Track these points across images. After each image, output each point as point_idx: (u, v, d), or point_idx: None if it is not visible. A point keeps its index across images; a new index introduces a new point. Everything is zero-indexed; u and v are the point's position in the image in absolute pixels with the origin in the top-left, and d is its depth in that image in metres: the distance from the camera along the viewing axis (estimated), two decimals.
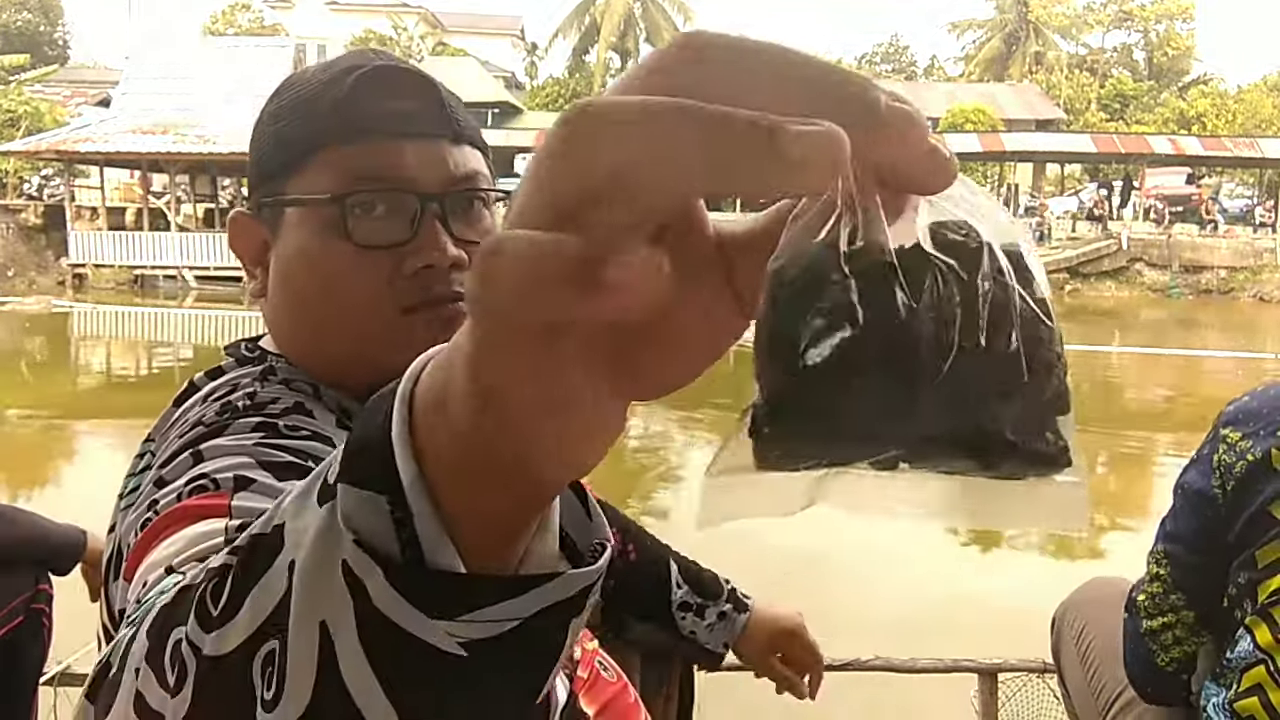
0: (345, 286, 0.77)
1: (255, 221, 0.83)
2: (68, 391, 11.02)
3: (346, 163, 0.77)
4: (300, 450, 0.65)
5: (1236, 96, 37.33)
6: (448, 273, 0.78)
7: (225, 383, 0.78)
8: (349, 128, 0.77)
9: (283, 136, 0.80)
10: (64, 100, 31.21)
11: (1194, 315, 21.29)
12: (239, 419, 0.68)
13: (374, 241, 0.76)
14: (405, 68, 0.81)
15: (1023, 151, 29.08)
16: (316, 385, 0.78)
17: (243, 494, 0.59)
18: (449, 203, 0.79)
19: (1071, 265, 25.76)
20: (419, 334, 0.77)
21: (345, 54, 0.85)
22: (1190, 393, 11.99)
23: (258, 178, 0.83)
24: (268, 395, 0.73)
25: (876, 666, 2.36)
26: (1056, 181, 34.18)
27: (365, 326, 0.77)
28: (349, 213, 0.76)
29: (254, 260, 0.83)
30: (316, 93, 0.79)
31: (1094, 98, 43.17)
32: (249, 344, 0.84)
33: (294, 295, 0.80)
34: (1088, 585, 1.59)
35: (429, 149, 0.79)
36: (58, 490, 6.60)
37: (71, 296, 20.25)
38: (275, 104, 0.83)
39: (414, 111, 0.79)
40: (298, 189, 0.79)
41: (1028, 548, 5.98)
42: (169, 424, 0.77)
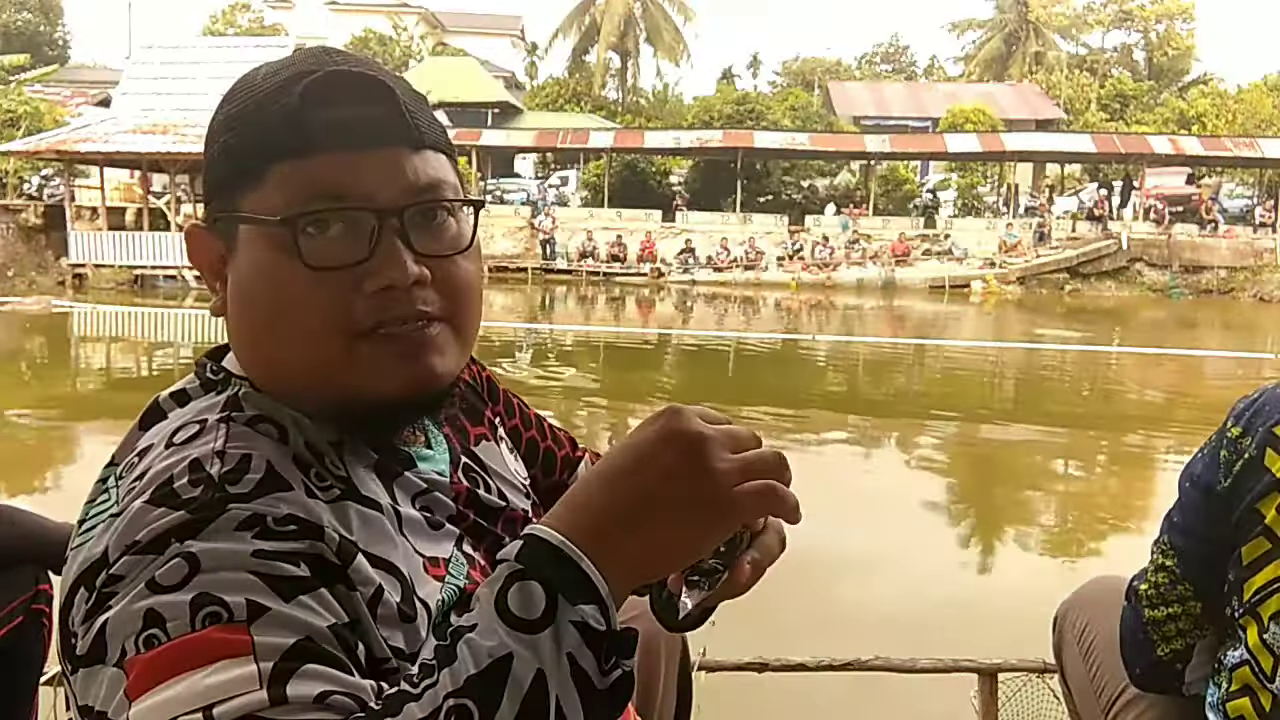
0: (299, 309, 0.73)
1: (211, 234, 0.78)
2: (68, 392, 11.02)
3: (299, 178, 0.73)
4: (294, 554, 0.63)
5: (1236, 96, 37.30)
6: (409, 292, 0.74)
7: (191, 420, 0.73)
8: (300, 141, 0.73)
9: (232, 148, 0.76)
10: (64, 100, 31.21)
11: (1194, 315, 21.29)
12: (223, 511, 0.64)
13: (328, 262, 0.72)
14: (359, 72, 0.76)
15: (1023, 151, 29.09)
16: (282, 426, 0.74)
17: (260, 626, 0.59)
18: (409, 216, 0.74)
19: (1071, 265, 25.78)
20: (378, 357, 0.74)
21: (296, 55, 0.80)
22: (1189, 393, 11.99)
23: (211, 189, 0.79)
24: (236, 454, 0.69)
25: (876, 666, 2.36)
26: (1056, 181, 34.19)
27: (320, 350, 0.73)
28: (301, 233, 0.72)
29: (213, 274, 0.79)
30: (265, 101, 0.75)
31: (1094, 98, 43.14)
32: (214, 364, 0.80)
33: (248, 315, 0.76)
34: (1089, 584, 1.58)
35: (387, 159, 0.75)
36: (58, 490, 6.59)
37: (71, 296, 20.25)
38: (225, 111, 0.78)
39: (369, 120, 0.75)
40: (250, 204, 0.74)
41: (1026, 551, 5.98)
42: (133, 451, 0.74)
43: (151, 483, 0.67)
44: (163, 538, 0.62)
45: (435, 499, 0.81)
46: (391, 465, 0.79)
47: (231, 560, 0.61)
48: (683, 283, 25.52)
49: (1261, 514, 1.10)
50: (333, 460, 0.75)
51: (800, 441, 8.40)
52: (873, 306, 22.38)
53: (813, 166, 32.90)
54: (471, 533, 0.83)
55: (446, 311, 0.76)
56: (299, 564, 0.63)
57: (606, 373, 13.08)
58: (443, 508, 0.81)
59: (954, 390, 11.94)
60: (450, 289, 0.77)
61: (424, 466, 0.82)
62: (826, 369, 13.76)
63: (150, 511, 0.64)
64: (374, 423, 0.78)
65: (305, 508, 0.67)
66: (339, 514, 0.70)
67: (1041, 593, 5.04)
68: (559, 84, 42.88)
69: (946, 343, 16.29)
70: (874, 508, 6.33)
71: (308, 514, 0.67)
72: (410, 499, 0.79)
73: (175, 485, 0.66)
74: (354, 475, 0.75)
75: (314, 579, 0.63)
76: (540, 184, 31.86)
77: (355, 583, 0.66)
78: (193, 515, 0.63)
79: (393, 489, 0.78)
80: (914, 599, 4.55)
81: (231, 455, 0.69)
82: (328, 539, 0.66)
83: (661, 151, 30.75)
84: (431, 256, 0.75)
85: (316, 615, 0.61)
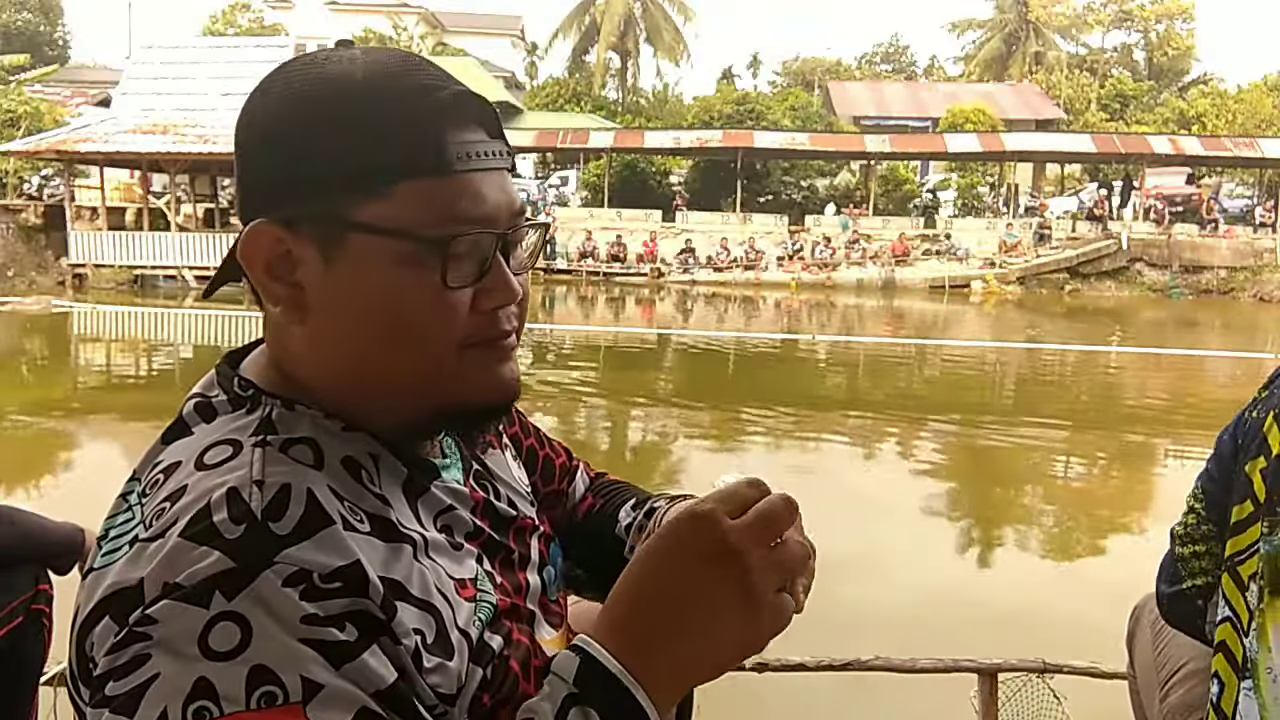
0: (429, 324, 0.74)
1: (292, 236, 0.74)
2: (68, 392, 11.02)
3: (439, 199, 0.73)
4: (341, 616, 0.63)
5: (1236, 96, 37.32)
6: (508, 308, 0.79)
7: (222, 440, 0.72)
8: (439, 162, 0.73)
9: (347, 153, 0.72)
10: (64, 100, 31.21)
11: (1194, 315, 21.30)
12: (269, 563, 0.63)
13: (462, 281, 0.75)
14: (478, 94, 0.79)
15: (1023, 151, 29.10)
16: (318, 449, 0.74)
17: (316, 707, 0.60)
18: (510, 237, 0.79)
19: (1072, 265, 25.78)
20: (478, 367, 0.78)
21: (393, 57, 0.78)
22: (1190, 393, 12.00)
23: (296, 187, 0.74)
24: (275, 483, 0.68)
25: (877, 666, 2.36)
26: (1056, 181, 34.19)
27: (436, 362, 0.75)
28: (449, 255, 0.73)
29: (272, 276, 0.75)
30: (387, 112, 0.73)
31: (1094, 98, 43.16)
32: (242, 379, 0.78)
33: (354, 328, 0.75)
34: None
35: (499, 182, 0.78)
36: (57, 490, 6.60)
37: (71, 297, 20.26)
38: (314, 110, 0.74)
39: (490, 144, 0.78)
40: (369, 215, 0.72)
41: (1026, 550, 5.99)
42: (157, 467, 0.73)
43: (187, 510, 0.66)
44: (206, 586, 0.61)
45: (456, 517, 0.82)
46: (419, 481, 0.80)
47: (282, 628, 0.61)
48: (682, 283, 25.52)
49: (1249, 478, 1.17)
50: (370, 477, 0.75)
51: (800, 440, 8.41)
52: (873, 306, 22.39)
53: (813, 166, 32.90)
54: (487, 548, 0.84)
55: (518, 325, 0.82)
56: (345, 626, 0.63)
57: (607, 373, 13.09)
58: (461, 526, 0.82)
59: (956, 389, 11.94)
60: (522, 304, 0.81)
61: (445, 476, 0.84)
62: (827, 369, 13.76)
63: (191, 550, 0.63)
64: (460, 427, 0.83)
65: (346, 552, 0.67)
66: (375, 550, 0.70)
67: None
68: (559, 84, 42.88)
69: (948, 343, 16.29)
70: (881, 506, 6.34)
71: (348, 561, 0.66)
72: (433, 519, 0.80)
73: (215, 520, 0.65)
74: (389, 494, 0.76)
75: (362, 640, 0.64)
76: (540, 184, 31.87)
77: (399, 635, 0.67)
78: (237, 564, 0.62)
79: (418, 509, 0.79)
80: (931, 600, 4.55)
81: (270, 485, 0.68)
82: (372, 592, 0.66)
83: (661, 151, 30.76)
84: (516, 274, 0.79)
85: (367, 682, 0.63)
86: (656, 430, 9.35)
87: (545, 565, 0.93)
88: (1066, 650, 2.49)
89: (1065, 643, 2.95)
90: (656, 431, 9.30)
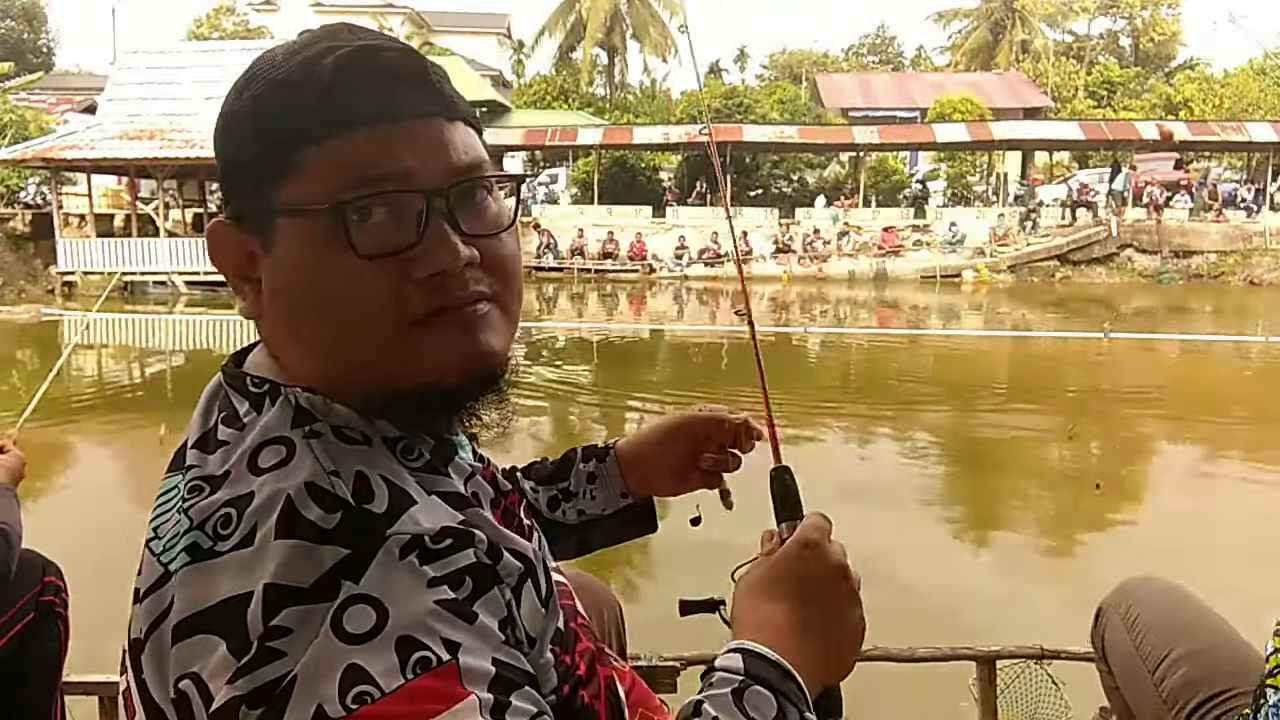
0: (352, 300, 0.70)
1: (239, 232, 0.74)
2: (59, 400, 10.97)
3: (340, 161, 0.70)
4: (460, 571, 0.65)
5: (1223, 81, 37.41)
6: (460, 274, 0.72)
7: (269, 441, 0.70)
8: (338, 119, 0.70)
9: (261, 134, 0.72)
10: (49, 108, 31.06)
11: (1185, 300, 21.36)
12: (382, 540, 0.64)
13: (379, 249, 0.69)
14: (387, 44, 0.74)
15: (1011, 140, 29.12)
16: (360, 428, 0.72)
17: (464, 658, 0.61)
18: (454, 196, 0.72)
19: (1062, 252, 25.83)
20: (433, 341, 0.72)
21: (314, 33, 0.76)
22: (1182, 378, 12.04)
23: (234, 183, 0.75)
24: (351, 470, 0.68)
25: (875, 656, 2.36)
26: (1045, 169, 34.24)
27: (376, 341, 0.71)
28: (349, 220, 0.69)
29: (240, 274, 0.75)
30: (292, 82, 0.71)
31: (1081, 85, 43.23)
32: (254, 378, 0.76)
33: (295, 313, 0.73)
34: (1128, 582, 1.77)
35: (426, 132, 0.73)
36: (52, 497, 6.57)
37: (61, 305, 20.17)
38: (245, 96, 0.74)
39: (404, 90, 0.72)
40: (288, 195, 0.71)
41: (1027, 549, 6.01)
42: (198, 476, 0.71)
43: (267, 513, 0.64)
44: (329, 579, 0.61)
45: (479, 484, 0.81)
46: (446, 452, 0.79)
47: (412, 596, 0.62)
48: (674, 278, 25.51)
49: None
50: (410, 450, 0.75)
51: (812, 431, 8.42)
52: (865, 298, 22.41)
53: (802, 159, 32.90)
54: (505, 517, 0.83)
55: (494, 291, 0.75)
56: (465, 579, 0.65)
57: (601, 370, 13.08)
58: (485, 492, 0.81)
59: (944, 376, 11.98)
60: (497, 269, 0.75)
61: (462, 454, 0.83)
62: (823, 360, 13.78)
63: (297, 548, 0.62)
64: (431, 411, 0.76)
65: (443, 514, 0.69)
66: (454, 513, 0.71)
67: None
68: (546, 81, 42.78)
69: (941, 333, 16.31)
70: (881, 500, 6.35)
71: (451, 520, 0.68)
72: (464, 484, 0.78)
73: (307, 515, 0.64)
74: (435, 464, 0.76)
75: (479, 589, 0.66)
76: (530, 182, 31.81)
77: (504, 577, 0.69)
78: (352, 549, 0.63)
79: (450, 475, 0.77)
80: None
81: (346, 473, 0.67)
82: (477, 542, 0.67)
83: (650, 147, 30.72)
84: (477, 236, 0.74)
85: (494, 631, 0.65)
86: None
87: (539, 534, 0.93)
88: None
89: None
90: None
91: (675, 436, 1.19)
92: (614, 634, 1.44)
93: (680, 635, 1.79)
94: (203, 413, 0.78)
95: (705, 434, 1.17)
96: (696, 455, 1.18)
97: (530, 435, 8.00)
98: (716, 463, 1.17)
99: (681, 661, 2.03)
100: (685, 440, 1.18)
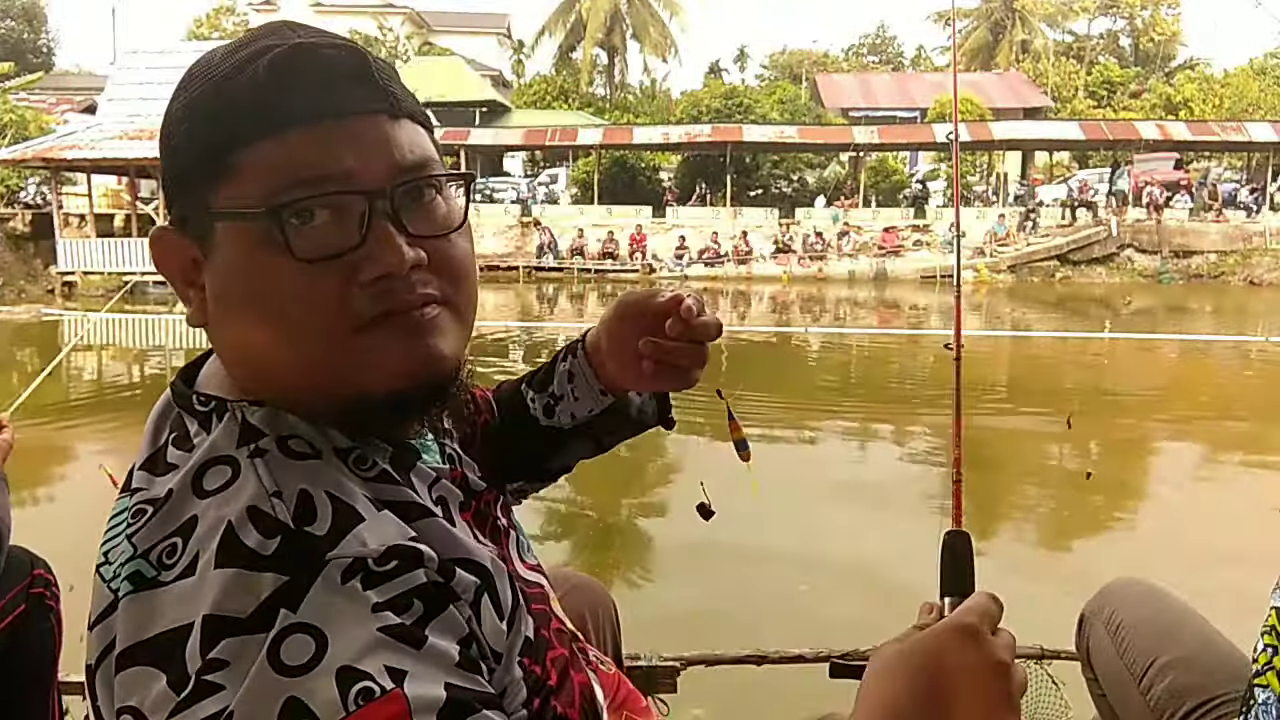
0: (293, 306, 0.67)
1: (181, 237, 0.72)
2: (59, 399, 10.97)
3: (276, 161, 0.67)
4: (406, 594, 0.61)
5: (1223, 80, 37.42)
6: (407, 277, 0.69)
7: (213, 460, 0.68)
8: (272, 119, 0.67)
9: (197, 136, 0.70)
10: (50, 108, 31.07)
11: (1185, 300, 21.36)
12: (321, 564, 0.61)
13: (319, 253, 0.67)
14: (326, 41, 0.71)
15: (1011, 140, 29.15)
16: (312, 443, 0.70)
17: (411, 687, 0.58)
18: (399, 197, 0.70)
19: (1062, 252, 25.84)
20: (379, 347, 0.69)
21: (255, 31, 0.73)
22: (1182, 378, 12.04)
23: (175, 187, 0.73)
24: (294, 490, 0.65)
25: None
26: (1045, 169, 34.24)
27: (320, 347, 0.68)
28: (287, 224, 0.66)
29: (186, 281, 0.73)
30: (227, 82, 0.69)
31: (1081, 85, 43.24)
32: (200, 395, 0.74)
33: (237, 321, 0.70)
34: (1111, 585, 1.73)
35: (367, 130, 0.70)
36: (50, 499, 6.57)
37: (61, 305, 20.18)
38: (184, 98, 0.71)
39: (345, 87, 0.70)
40: (224, 198, 0.68)
41: (1036, 544, 6.01)
42: (143, 499, 0.68)
43: (208, 540, 0.62)
44: (267, 608, 0.59)
45: (446, 488, 0.78)
46: (406, 457, 0.76)
47: (354, 623, 0.59)
48: (675, 278, 25.51)
49: None
50: (363, 460, 0.72)
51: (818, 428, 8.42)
52: (865, 298, 22.41)
53: (802, 159, 32.91)
54: (477, 518, 0.81)
55: (445, 293, 0.73)
56: (413, 602, 0.61)
57: None
58: (454, 497, 0.78)
59: (943, 376, 11.95)
60: (446, 270, 0.73)
61: (426, 458, 0.80)
62: (822, 360, 13.78)
63: (235, 578, 0.60)
64: (381, 419, 0.73)
65: (390, 533, 0.65)
66: (406, 528, 0.67)
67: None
68: (546, 81, 42.79)
69: (941, 333, 16.31)
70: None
71: (396, 540, 0.64)
72: (428, 490, 0.75)
73: (246, 541, 0.61)
74: (389, 473, 0.73)
75: (430, 611, 0.62)
76: (530, 182, 31.82)
77: (459, 594, 0.66)
78: (290, 575, 0.60)
79: (412, 482, 0.74)
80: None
81: (289, 493, 0.65)
82: (427, 561, 0.64)
83: (650, 147, 30.74)
84: (425, 238, 0.71)
85: (447, 654, 0.61)
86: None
87: (516, 532, 0.90)
88: None
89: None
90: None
91: (617, 319, 1.01)
92: (608, 633, 1.42)
93: (681, 635, 1.80)
94: (151, 433, 0.75)
95: (639, 314, 0.98)
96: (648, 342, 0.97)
97: None
98: (655, 348, 0.94)
99: (681, 661, 2.03)
100: (627, 323, 0.99)
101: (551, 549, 5.25)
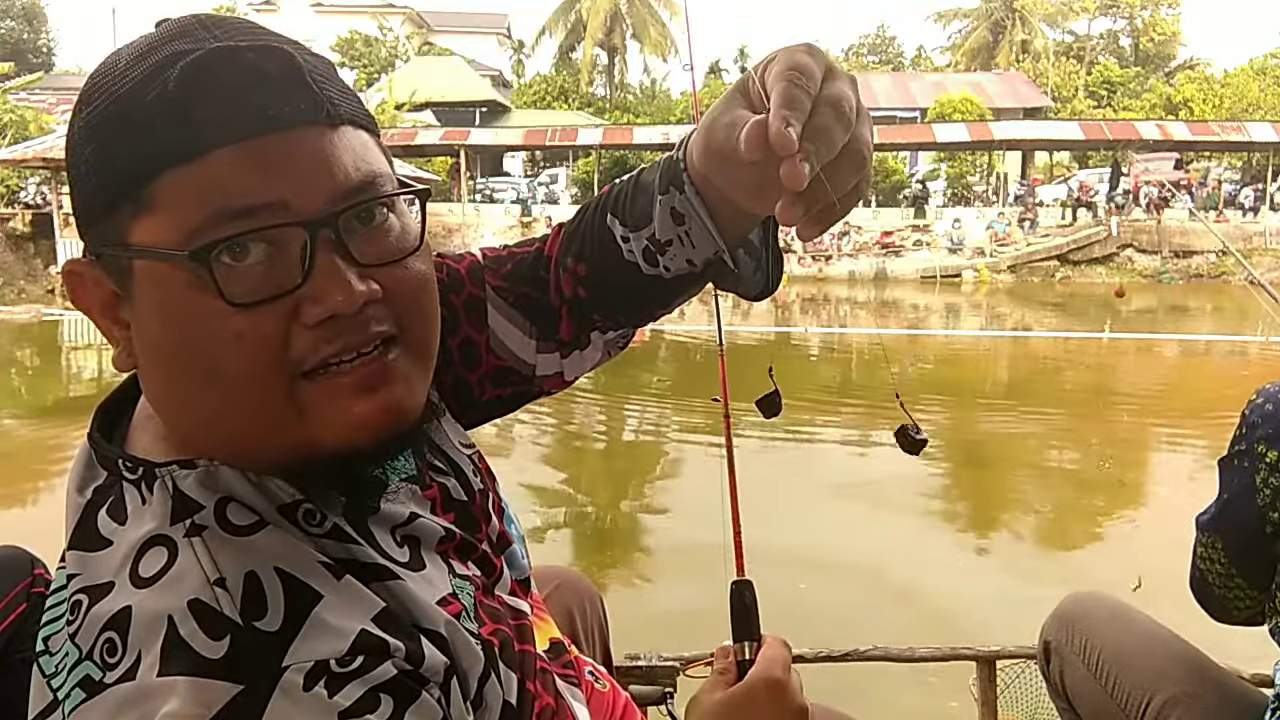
0: (228, 356, 0.58)
1: (99, 270, 0.62)
2: (59, 400, 10.98)
3: (196, 192, 0.57)
4: (373, 694, 0.56)
5: (1223, 81, 37.42)
6: (358, 315, 0.60)
7: (146, 540, 0.59)
8: (187, 141, 0.57)
9: (103, 164, 0.59)
10: (49, 108, 31.03)
11: (1185, 300, 21.36)
12: (279, 672, 0.54)
13: (256, 296, 0.58)
14: (250, 41, 0.61)
15: (1011, 140, 29.13)
16: (251, 508, 0.62)
17: None
18: (344, 222, 0.60)
19: (1062, 253, 25.83)
20: (330, 397, 0.60)
21: (165, 29, 0.62)
22: (1183, 378, 12.03)
23: (86, 214, 0.62)
24: (237, 575, 0.57)
25: (875, 656, 2.36)
26: (1045, 169, 34.23)
27: (261, 399, 0.59)
28: (215, 264, 0.57)
29: (108, 318, 0.64)
30: (134, 97, 0.58)
31: (1081, 85, 43.25)
32: (127, 461, 0.64)
33: (166, 370, 0.62)
34: (1068, 602, 1.57)
35: (301, 145, 0.59)
36: (51, 499, 6.57)
37: (61, 305, 20.17)
38: (85, 115, 0.60)
39: (271, 97, 0.59)
40: (141, 233, 0.58)
41: (1028, 541, 6.00)
42: (78, 584, 0.61)
43: (149, 640, 0.55)
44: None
45: (421, 528, 0.69)
46: (363, 502, 0.67)
47: None
48: None
49: None
50: (313, 516, 0.63)
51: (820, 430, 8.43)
52: (866, 298, 22.42)
53: None
54: (460, 550, 0.74)
55: (401, 326, 0.63)
56: (380, 698, 0.56)
57: (600, 371, 13.04)
58: (430, 535, 0.70)
59: (943, 377, 11.97)
60: (403, 301, 0.63)
61: (393, 479, 0.71)
62: (821, 361, 13.78)
63: (188, 686, 0.53)
64: (337, 475, 0.66)
65: (350, 621, 0.58)
66: (368, 602, 0.61)
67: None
68: (546, 81, 42.80)
69: (942, 333, 16.32)
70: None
71: (358, 631, 0.58)
72: (392, 538, 0.67)
73: (192, 644, 0.54)
74: (342, 529, 0.65)
75: (400, 705, 0.56)
76: (530, 182, 31.82)
77: (428, 678, 0.60)
78: (244, 684, 0.53)
79: (373, 534, 0.66)
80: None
81: (234, 580, 0.57)
82: (394, 650, 0.58)
83: (651, 147, 30.71)
84: (377, 266, 0.62)
85: None
86: (650, 423, 9.35)
87: (509, 546, 0.83)
88: None
89: None
90: (650, 425, 9.30)
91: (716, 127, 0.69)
92: (596, 631, 1.39)
93: (681, 635, 1.79)
94: (74, 497, 0.66)
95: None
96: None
97: (530, 441, 8.00)
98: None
99: (681, 661, 2.03)
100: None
101: (552, 549, 5.26)
